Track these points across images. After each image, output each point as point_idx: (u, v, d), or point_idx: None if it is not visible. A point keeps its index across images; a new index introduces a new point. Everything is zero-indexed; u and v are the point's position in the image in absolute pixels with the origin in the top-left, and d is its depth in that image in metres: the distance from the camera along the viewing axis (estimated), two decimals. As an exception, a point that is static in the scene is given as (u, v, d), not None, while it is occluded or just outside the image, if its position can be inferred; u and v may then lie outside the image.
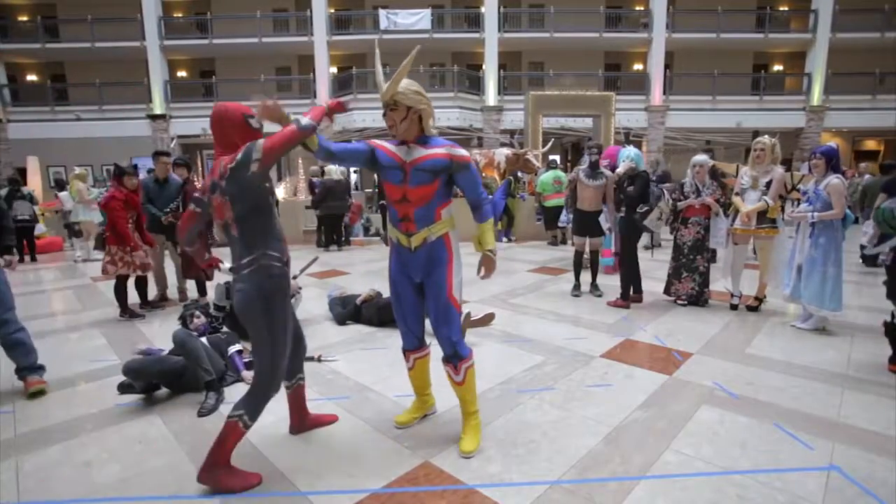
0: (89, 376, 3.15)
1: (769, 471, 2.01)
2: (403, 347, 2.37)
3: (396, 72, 2.02)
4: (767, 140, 4.08)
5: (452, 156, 2.08)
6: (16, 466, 2.16)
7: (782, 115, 16.36)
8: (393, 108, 2.04)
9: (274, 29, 17.20)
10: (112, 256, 4.34)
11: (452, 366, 2.20)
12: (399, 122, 2.05)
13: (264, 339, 1.93)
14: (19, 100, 16.79)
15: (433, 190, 2.09)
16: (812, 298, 3.70)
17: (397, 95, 2.02)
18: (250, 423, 1.95)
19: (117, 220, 4.31)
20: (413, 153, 2.09)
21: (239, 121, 1.93)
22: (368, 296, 4.19)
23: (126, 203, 4.38)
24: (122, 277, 4.44)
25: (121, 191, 4.37)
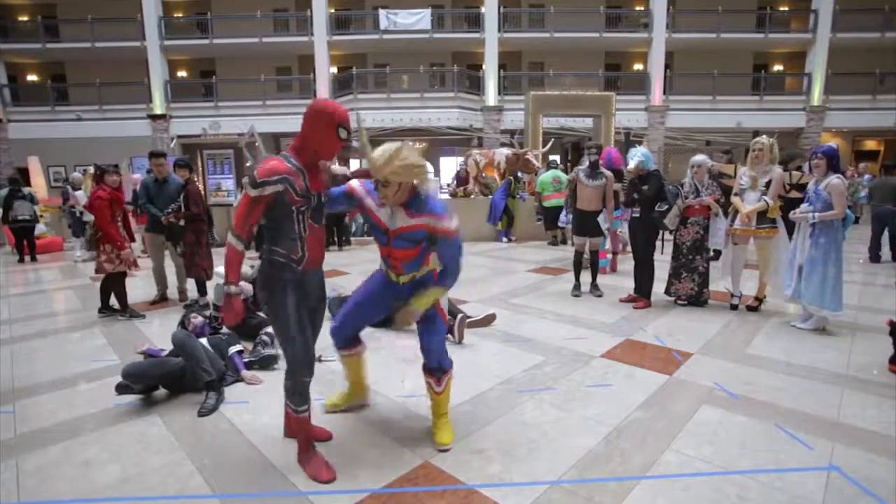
0: (89, 376, 3.15)
1: (769, 471, 2.01)
2: (337, 346, 2.41)
3: (393, 151, 1.91)
4: (766, 140, 4.08)
5: (435, 229, 2.02)
6: (16, 466, 2.16)
7: (782, 115, 16.36)
8: (385, 184, 1.95)
9: (274, 29, 17.21)
10: (108, 255, 4.33)
11: (436, 378, 2.24)
12: (392, 196, 1.98)
13: (274, 325, 2.02)
14: (20, 100, 16.80)
15: (418, 250, 2.12)
16: (812, 298, 3.70)
17: (391, 175, 1.92)
18: (299, 408, 2.02)
19: (101, 219, 4.30)
20: (397, 220, 2.05)
21: (327, 126, 1.87)
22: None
23: (111, 201, 4.36)
24: (119, 275, 4.44)
25: (104, 189, 4.35)
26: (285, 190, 1.85)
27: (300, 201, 1.88)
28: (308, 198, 1.91)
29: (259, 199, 1.84)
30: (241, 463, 2.15)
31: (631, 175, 4.43)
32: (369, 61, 17.81)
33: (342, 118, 1.88)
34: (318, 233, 2.00)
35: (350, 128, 1.91)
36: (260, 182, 1.81)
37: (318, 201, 1.97)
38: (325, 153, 1.95)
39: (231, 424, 2.48)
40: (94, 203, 4.31)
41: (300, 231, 1.94)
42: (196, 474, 2.06)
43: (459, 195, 9.69)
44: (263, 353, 3.18)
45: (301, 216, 1.92)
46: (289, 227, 1.92)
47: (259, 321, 3.63)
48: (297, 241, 1.95)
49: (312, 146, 1.91)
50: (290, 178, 1.84)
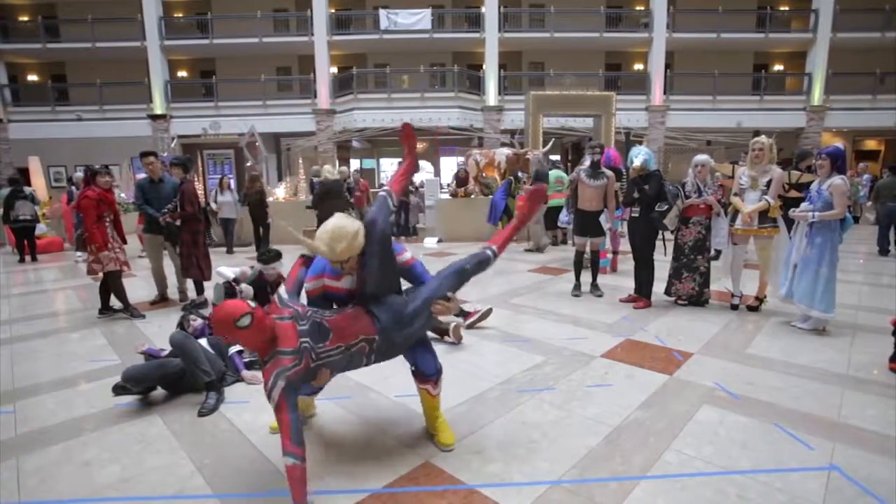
0: (90, 376, 3.15)
1: (769, 471, 2.01)
2: None
3: (331, 235, 1.89)
4: (765, 139, 4.08)
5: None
6: (17, 466, 2.16)
7: (783, 114, 16.36)
8: (345, 262, 1.97)
9: (274, 29, 17.21)
10: (96, 255, 4.32)
11: (433, 382, 2.24)
12: (350, 269, 2.03)
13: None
14: (20, 100, 16.80)
15: None
16: (802, 297, 3.69)
17: (347, 254, 1.93)
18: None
19: (86, 219, 4.30)
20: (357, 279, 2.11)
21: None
22: None
23: (99, 202, 4.35)
24: (116, 274, 4.43)
25: (93, 190, 4.36)
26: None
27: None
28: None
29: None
30: (242, 463, 2.15)
31: (636, 173, 4.42)
32: (369, 61, 17.81)
33: (227, 316, 1.78)
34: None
35: (243, 311, 1.79)
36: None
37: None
38: (258, 336, 1.84)
39: (231, 424, 2.48)
40: (81, 203, 4.32)
41: None
42: (196, 474, 2.06)
43: (460, 195, 9.69)
44: (264, 353, 3.18)
45: None
46: None
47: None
48: None
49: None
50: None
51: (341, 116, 16.13)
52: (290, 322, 1.86)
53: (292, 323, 1.86)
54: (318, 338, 1.89)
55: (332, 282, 2.12)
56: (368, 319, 2.03)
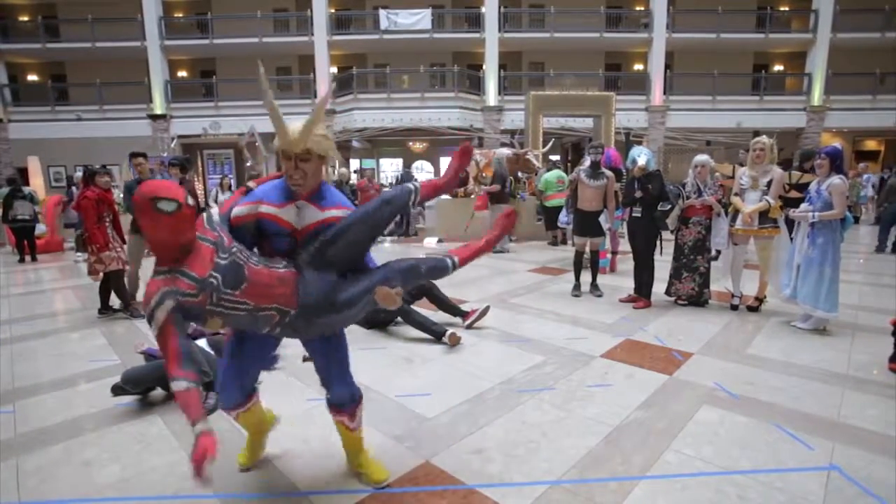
0: (89, 376, 3.15)
1: (769, 471, 2.01)
2: (226, 406, 1.87)
3: (314, 113, 1.65)
4: (766, 140, 4.08)
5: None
6: (16, 466, 2.16)
7: (783, 115, 16.37)
8: (305, 158, 1.66)
9: (274, 29, 17.21)
10: (97, 255, 4.34)
11: (349, 414, 1.89)
12: (310, 176, 1.69)
13: None
14: (20, 100, 16.80)
15: None
16: (807, 298, 3.69)
17: (312, 144, 1.64)
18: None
19: (86, 220, 4.34)
20: (305, 216, 1.72)
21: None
22: None
23: (98, 202, 4.38)
24: (118, 273, 4.44)
25: (93, 190, 4.39)
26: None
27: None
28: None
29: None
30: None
31: (641, 172, 4.42)
32: (369, 61, 17.81)
33: (150, 192, 1.45)
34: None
35: (173, 193, 1.46)
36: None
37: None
38: (179, 238, 1.52)
39: (231, 424, 2.47)
40: (81, 203, 4.34)
41: None
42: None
43: (459, 195, 9.69)
44: (263, 353, 3.18)
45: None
46: None
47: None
48: None
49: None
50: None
51: (341, 116, 16.13)
52: (209, 246, 1.54)
53: (212, 249, 1.54)
54: (229, 281, 1.55)
55: (271, 208, 1.71)
56: (293, 289, 1.67)
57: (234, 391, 1.85)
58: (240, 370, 1.85)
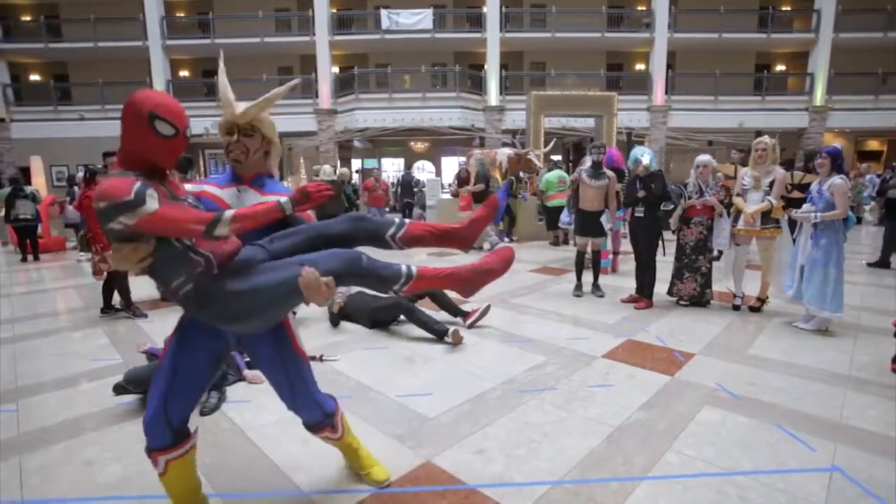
0: (91, 375, 3.15)
1: (771, 472, 2.01)
2: (152, 446, 1.60)
3: (269, 95, 1.66)
4: (768, 140, 4.08)
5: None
6: (19, 465, 2.17)
7: (785, 115, 16.34)
8: (249, 133, 1.65)
9: (276, 29, 17.23)
10: (101, 255, 4.36)
11: (330, 428, 1.82)
12: (252, 153, 1.67)
13: None
14: (23, 99, 16.85)
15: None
16: (812, 299, 3.69)
17: (257, 120, 1.66)
18: None
19: (89, 219, 4.37)
20: (246, 199, 1.67)
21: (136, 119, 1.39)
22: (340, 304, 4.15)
23: None
24: (122, 273, 4.43)
25: (94, 189, 4.39)
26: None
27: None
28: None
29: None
30: (243, 462, 2.15)
31: (645, 172, 4.41)
32: (371, 61, 17.82)
33: (155, 106, 1.38)
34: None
35: (177, 120, 1.42)
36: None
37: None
38: (156, 159, 1.42)
39: (233, 423, 2.48)
40: (83, 203, 4.41)
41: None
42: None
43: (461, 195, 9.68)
44: (265, 353, 3.18)
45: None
46: None
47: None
48: None
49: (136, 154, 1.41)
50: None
51: (343, 116, 16.14)
52: (131, 178, 1.34)
53: (133, 179, 1.33)
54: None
55: (213, 189, 1.70)
56: (234, 253, 1.50)
57: (176, 418, 1.58)
58: (183, 390, 1.58)
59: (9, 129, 16.23)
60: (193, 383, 1.62)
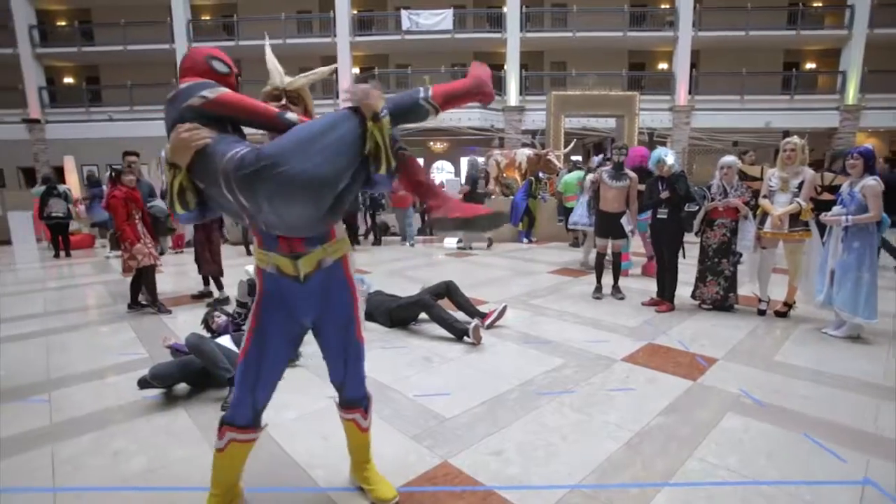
0: (119, 369, 3.24)
1: (799, 482, 1.95)
2: (234, 423, 1.67)
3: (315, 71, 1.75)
4: (797, 140, 3.96)
5: None
6: (51, 453, 2.25)
7: (814, 114, 15.85)
8: (295, 102, 1.67)
9: (298, 30, 17.48)
10: (130, 252, 4.49)
11: (363, 410, 1.84)
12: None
13: None
14: (57, 101, 17.46)
15: None
16: (845, 304, 3.56)
17: (304, 92, 1.71)
18: None
19: (117, 218, 4.49)
20: None
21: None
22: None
23: (126, 200, 4.54)
24: (150, 269, 4.58)
25: (120, 189, 4.56)
26: None
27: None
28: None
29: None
30: (263, 457, 2.18)
31: (669, 173, 4.33)
32: (391, 62, 17.94)
33: (208, 51, 1.61)
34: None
35: (227, 60, 1.63)
36: None
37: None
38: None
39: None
40: (110, 202, 4.50)
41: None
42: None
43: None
44: (285, 350, 3.23)
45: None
46: None
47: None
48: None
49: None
50: None
51: (362, 115, 16.26)
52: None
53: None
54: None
55: None
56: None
57: (249, 406, 1.66)
58: (254, 384, 1.65)
59: (44, 130, 16.83)
60: (278, 368, 1.71)
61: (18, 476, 2.08)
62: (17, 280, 6.69)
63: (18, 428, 2.49)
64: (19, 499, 1.94)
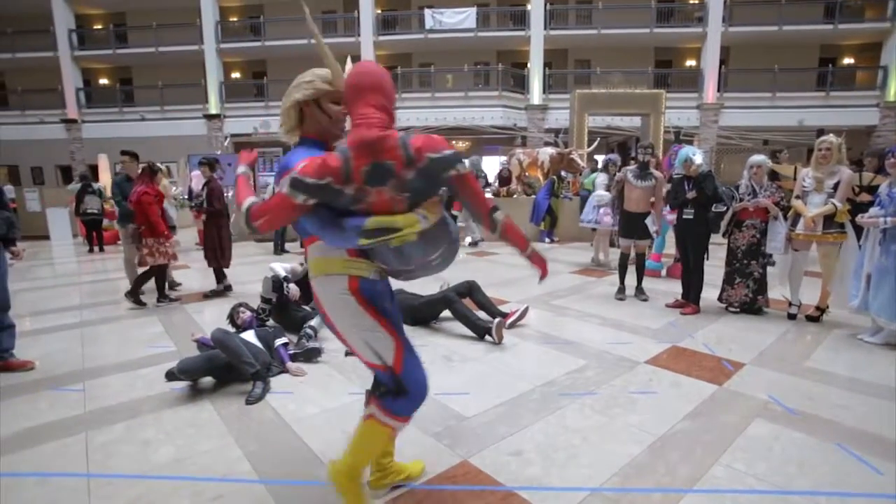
0: (148, 361, 3.35)
1: (831, 493, 1.88)
2: (424, 397, 1.76)
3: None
4: (833, 139, 3.81)
5: None
6: (85, 440, 2.34)
7: (851, 112, 15.25)
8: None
9: (323, 30, 17.69)
10: (150, 248, 4.67)
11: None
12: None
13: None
14: (92, 102, 18.12)
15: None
16: (882, 310, 3.42)
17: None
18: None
19: (151, 213, 4.63)
20: None
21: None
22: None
23: (157, 198, 4.74)
24: (161, 267, 4.80)
25: (152, 187, 4.75)
26: None
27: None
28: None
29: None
30: (285, 450, 2.23)
31: (696, 172, 4.24)
32: (414, 61, 17.99)
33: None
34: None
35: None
36: None
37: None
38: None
39: (276, 413, 2.57)
40: (142, 199, 4.62)
41: None
42: (243, 459, 2.15)
43: (502, 195, 9.63)
44: (308, 346, 3.28)
45: None
46: None
47: (304, 314, 3.75)
48: None
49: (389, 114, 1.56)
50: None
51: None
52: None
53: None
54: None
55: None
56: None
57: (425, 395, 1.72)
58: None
59: (80, 129, 17.49)
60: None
61: (54, 461, 2.17)
62: (55, 274, 6.97)
63: (54, 416, 2.59)
64: (55, 482, 2.03)
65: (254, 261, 5.26)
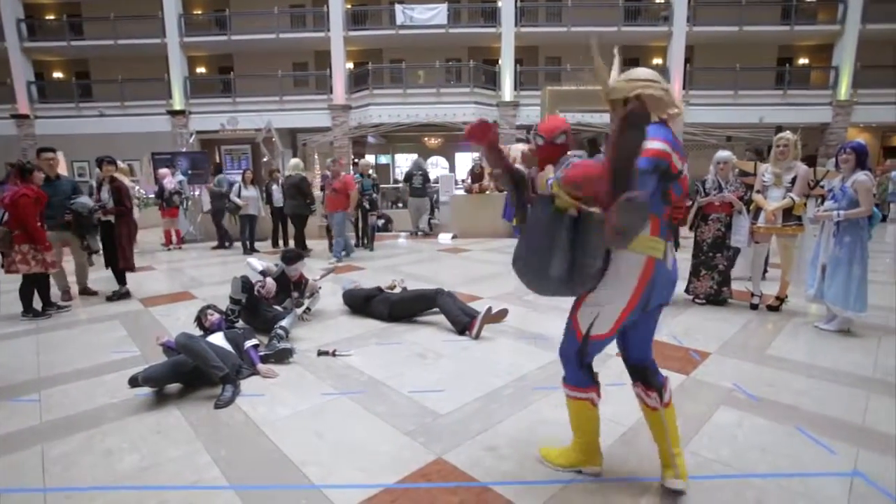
0: (111, 367, 3.21)
1: (790, 475, 1.96)
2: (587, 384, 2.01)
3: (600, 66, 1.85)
4: (790, 135, 3.98)
5: None
6: (41, 453, 2.22)
7: (807, 110, 15.92)
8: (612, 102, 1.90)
9: (291, 25, 17.32)
10: (24, 255, 4.23)
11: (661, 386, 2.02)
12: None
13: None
14: (46, 96, 17.25)
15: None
16: (836, 299, 3.60)
17: (617, 94, 1.86)
18: None
19: (28, 218, 4.15)
20: None
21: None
22: (390, 285, 4.22)
23: (36, 200, 4.25)
24: (39, 276, 4.41)
25: (31, 188, 4.24)
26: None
27: None
28: None
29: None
30: (257, 455, 2.18)
31: None
32: (385, 57, 17.83)
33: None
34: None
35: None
36: None
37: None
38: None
39: (247, 417, 2.51)
40: (19, 201, 4.11)
41: None
42: (212, 465, 2.09)
43: (474, 191, 9.67)
44: (278, 347, 3.22)
45: None
46: None
47: (275, 314, 3.66)
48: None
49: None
50: None
51: (357, 112, 16.20)
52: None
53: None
54: None
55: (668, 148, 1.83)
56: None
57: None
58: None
59: (33, 125, 16.63)
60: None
61: (7, 477, 2.06)
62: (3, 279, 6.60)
63: (6, 428, 2.46)
64: (8, 500, 1.92)
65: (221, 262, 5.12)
